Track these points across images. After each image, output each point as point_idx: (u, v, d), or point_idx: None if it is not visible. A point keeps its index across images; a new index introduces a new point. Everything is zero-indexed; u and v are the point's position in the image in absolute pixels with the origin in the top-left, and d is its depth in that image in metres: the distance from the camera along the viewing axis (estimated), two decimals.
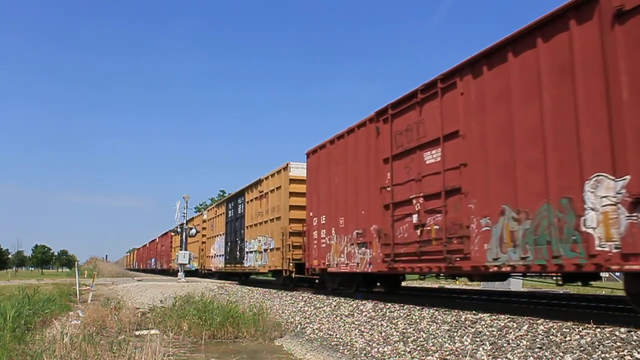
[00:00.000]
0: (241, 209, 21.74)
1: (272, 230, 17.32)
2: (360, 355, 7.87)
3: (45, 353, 6.57)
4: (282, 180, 16.89)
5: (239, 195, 22.47)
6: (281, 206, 16.74)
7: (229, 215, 23.97)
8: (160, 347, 7.02)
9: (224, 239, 24.30)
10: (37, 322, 10.94)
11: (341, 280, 13.09)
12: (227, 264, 23.54)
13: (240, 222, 21.64)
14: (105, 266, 58.80)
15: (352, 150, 11.93)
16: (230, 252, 23.14)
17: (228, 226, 23.88)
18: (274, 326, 10.65)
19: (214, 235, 27.01)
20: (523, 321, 6.64)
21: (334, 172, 12.73)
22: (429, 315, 8.23)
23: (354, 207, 11.62)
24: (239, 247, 21.45)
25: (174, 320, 10.95)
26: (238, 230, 21.94)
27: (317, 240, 13.44)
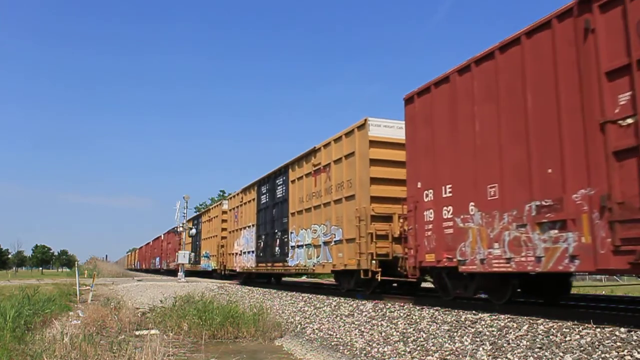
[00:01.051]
0: (282, 192, 16.79)
1: (338, 215, 12.63)
2: (360, 355, 7.87)
3: (45, 353, 6.57)
4: (356, 143, 12.00)
5: (278, 174, 17.33)
6: (355, 180, 11.87)
7: (261, 202, 18.91)
8: (160, 347, 7.02)
9: (255, 232, 19.38)
10: (37, 322, 10.95)
11: (482, 285, 8.75)
12: (261, 263, 18.65)
13: (281, 208, 16.77)
14: (105, 266, 58.94)
15: (514, 77, 7.58)
16: (264, 247, 18.20)
17: (261, 215, 18.92)
18: (274, 326, 10.66)
19: (239, 227, 21.87)
20: (523, 321, 6.64)
21: (467, 117, 8.39)
22: (429, 315, 8.23)
23: (523, 166, 7.27)
24: (280, 241, 16.71)
25: (174, 320, 10.96)
26: (277, 219, 17.10)
27: (433, 223, 9.05)
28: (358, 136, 12.00)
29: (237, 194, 22.73)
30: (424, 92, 9.60)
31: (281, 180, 16.98)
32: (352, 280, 12.47)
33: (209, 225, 29.06)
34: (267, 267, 18.05)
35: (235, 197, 23.05)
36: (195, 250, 32.76)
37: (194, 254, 32.62)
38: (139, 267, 71.91)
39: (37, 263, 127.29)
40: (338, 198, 12.71)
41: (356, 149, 11.97)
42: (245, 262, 20.70)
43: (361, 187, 11.67)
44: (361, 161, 11.77)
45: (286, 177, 16.46)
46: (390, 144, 11.56)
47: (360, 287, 12.28)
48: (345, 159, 12.49)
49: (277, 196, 17.20)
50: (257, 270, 19.40)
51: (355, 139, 12.08)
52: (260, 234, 18.86)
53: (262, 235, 18.61)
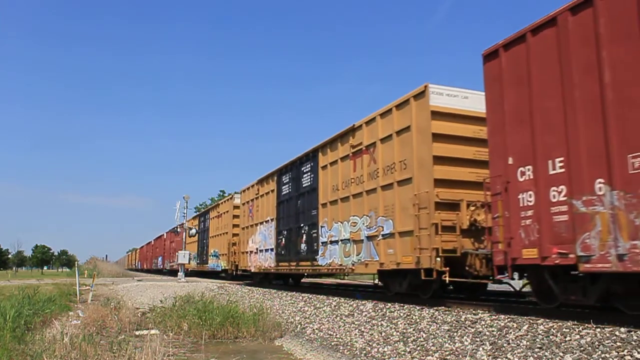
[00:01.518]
0: (310, 180, 14.70)
1: (387, 204, 10.59)
2: (360, 355, 7.87)
3: (45, 353, 6.57)
4: (412, 116, 9.93)
5: (305, 160, 15.17)
6: (412, 160, 9.85)
7: (282, 193, 16.75)
8: (160, 347, 7.02)
9: (274, 227, 17.25)
10: (37, 322, 10.95)
11: (613, 290, 6.69)
12: (282, 262, 16.48)
13: (309, 199, 14.67)
14: (105, 266, 58.91)
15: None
16: (287, 244, 16.10)
17: (282, 208, 16.77)
18: (274, 326, 10.65)
19: (254, 223, 19.65)
20: (523, 321, 6.64)
21: (588, 67, 6.50)
22: (429, 315, 8.23)
23: None
24: (307, 237, 14.63)
25: (174, 320, 10.96)
26: (303, 212, 15.00)
27: (534, 208, 7.08)
28: (415, 107, 9.91)
29: (251, 185, 20.28)
30: (515, 42, 7.63)
31: (308, 167, 14.76)
32: (404, 282, 10.50)
33: (218, 222, 26.78)
34: (290, 266, 15.79)
35: (250, 189, 20.51)
36: (202, 249, 30.64)
37: (201, 253, 30.73)
38: (139, 267, 69.94)
39: (37, 263, 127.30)
40: (387, 183, 10.58)
41: (412, 122, 9.90)
42: (262, 262, 18.36)
43: (421, 168, 9.61)
44: (420, 137, 9.72)
45: (315, 163, 14.29)
46: (455, 116, 9.64)
47: (415, 290, 10.40)
48: (397, 135, 10.39)
49: (303, 185, 15.02)
50: (277, 271, 17.14)
51: (410, 111, 10.00)
52: (281, 230, 16.61)
53: (283, 231, 16.37)
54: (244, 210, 21.34)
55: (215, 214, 27.82)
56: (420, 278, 9.30)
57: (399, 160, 10.33)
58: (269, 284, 19.77)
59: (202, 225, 30.91)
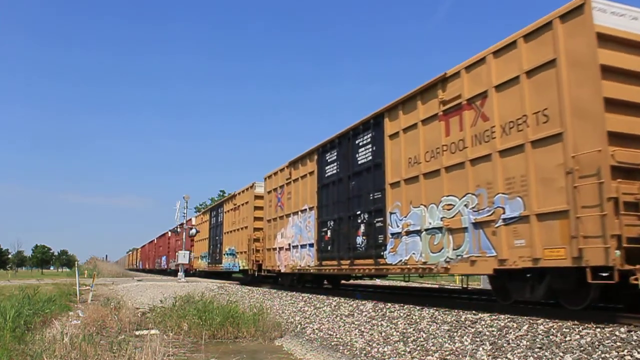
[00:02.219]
0: (369, 155, 11.59)
1: (511, 176, 7.72)
2: (360, 355, 7.87)
3: (45, 353, 6.57)
4: (560, 44, 7.05)
5: (361, 130, 12.00)
6: (563, 108, 6.94)
7: (325, 175, 13.58)
8: (160, 347, 7.02)
9: (314, 217, 14.07)
10: (37, 322, 10.94)
11: None
12: (327, 260, 13.25)
13: (369, 179, 11.48)
14: (105, 266, 58.87)
15: None
16: (334, 238, 12.95)
17: (325, 194, 13.65)
18: (274, 326, 10.65)
19: (284, 214, 16.34)
20: (523, 321, 6.64)
21: None
22: (429, 315, 8.23)
23: None
24: (367, 228, 11.42)
25: (174, 320, 10.96)
26: (359, 195, 11.82)
27: None
28: (564, 31, 6.99)
29: (280, 170, 16.98)
30: None
31: (366, 139, 11.66)
32: (539, 287, 7.42)
33: (235, 215, 23.17)
34: (340, 266, 12.50)
35: (278, 174, 17.22)
36: (214, 247, 27.00)
37: (213, 251, 27.21)
38: (141, 267, 66.89)
39: (37, 263, 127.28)
40: (512, 146, 7.65)
41: (560, 52, 6.95)
42: (297, 260, 15.10)
43: (580, 119, 6.67)
44: (576, 72, 6.76)
45: (378, 131, 11.20)
46: (630, 44, 6.79)
47: (556, 298, 7.45)
48: (528, 77, 7.46)
49: (359, 162, 11.92)
50: (319, 271, 13.84)
51: (556, 38, 7.07)
52: (324, 220, 13.49)
53: (328, 222, 13.32)
54: (270, 200, 17.88)
55: (230, 206, 24.08)
56: (569, 280, 6.85)
57: (532, 112, 7.37)
58: (302, 287, 16.25)
59: (214, 221, 27.34)
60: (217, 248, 26.15)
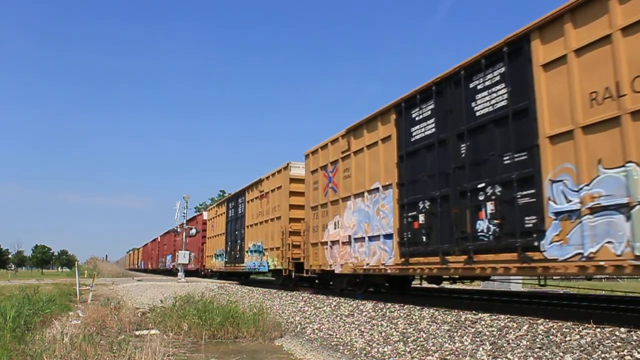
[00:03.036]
0: (507, 95, 7.69)
1: None
2: (360, 355, 7.87)
3: (45, 353, 6.57)
4: None
5: (486, 65, 8.12)
6: None
7: (411, 138, 9.96)
8: (160, 347, 7.02)
9: (393, 198, 10.35)
10: (37, 322, 10.94)
11: None
12: (418, 256, 9.48)
13: (508, 134, 7.59)
14: (105, 266, 58.87)
15: None
16: (429, 224, 9.27)
17: (410, 165, 9.96)
18: (274, 326, 10.65)
19: (339, 197, 12.56)
20: (523, 321, 6.64)
21: None
22: (429, 315, 8.23)
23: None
24: (502, 206, 7.67)
25: (174, 320, 10.96)
26: (483, 161, 8.11)
27: None
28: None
29: (331, 141, 13.13)
30: None
31: (494, 76, 7.95)
32: None
33: (262, 204, 19.03)
34: (445, 263, 8.64)
35: (328, 147, 13.30)
36: (233, 244, 22.89)
37: (232, 248, 22.91)
38: (143, 267, 63.37)
39: (37, 263, 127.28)
40: None
41: None
42: (363, 257, 11.25)
43: None
44: None
45: (519, 62, 7.50)
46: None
47: None
48: None
49: (478, 114, 8.21)
50: (402, 272, 10.03)
51: None
52: (411, 201, 9.75)
53: (418, 203, 9.56)
54: (316, 181, 14.00)
55: (255, 194, 19.99)
56: None
57: None
58: (364, 291, 12.43)
59: (233, 213, 23.36)
60: (237, 244, 22.19)
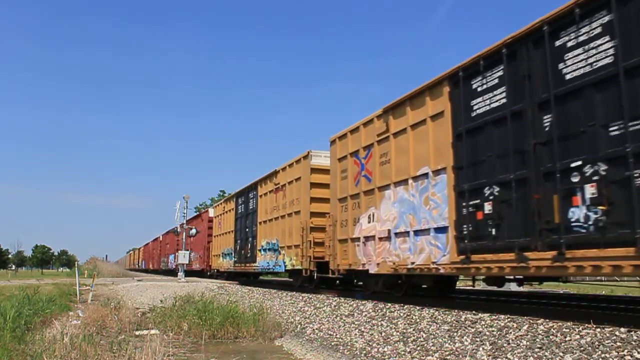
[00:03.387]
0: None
1: None
2: (360, 355, 7.87)
3: (45, 353, 6.57)
4: None
5: None
6: None
7: (472, 112, 8.36)
8: (160, 347, 7.02)
9: (447, 185, 8.84)
10: (37, 322, 10.94)
11: None
12: (495, 251, 7.61)
13: None
14: (105, 266, 58.86)
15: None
16: (507, 214, 7.47)
17: (472, 143, 8.36)
18: (274, 326, 10.65)
19: (375, 187, 11.09)
20: (523, 321, 6.64)
21: None
22: (429, 315, 8.23)
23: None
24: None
25: (174, 320, 10.95)
26: (604, 132, 6.19)
27: None
28: None
29: (364, 123, 11.56)
30: None
31: (593, 29, 6.48)
32: None
33: (278, 198, 17.40)
34: (522, 260, 7.09)
35: (360, 130, 11.72)
36: (243, 242, 21.27)
37: (243, 247, 21.30)
38: (144, 267, 61.34)
39: (37, 263, 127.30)
40: None
41: None
42: (407, 254, 9.72)
43: None
44: None
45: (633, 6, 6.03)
46: None
47: None
48: None
49: (569, 77, 6.73)
50: (459, 271, 8.69)
51: None
52: (474, 187, 8.13)
53: (483, 189, 7.94)
54: (344, 170, 12.37)
55: (269, 187, 18.34)
56: None
57: None
58: (405, 294, 11.00)
59: (243, 209, 21.76)
60: (248, 243, 20.58)
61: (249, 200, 20.95)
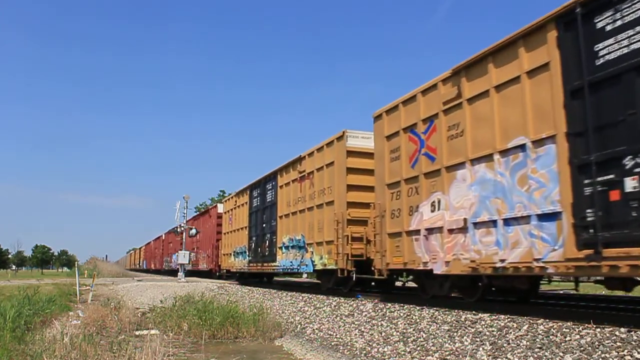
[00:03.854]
0: None
1: None
2: (360, 355, 7.87)
3: (45, 353, 6.57)
4: None
5: None
6: None
7: None
8: (160, 347, 7.01)
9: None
10: (37, 322, 10.94)
11: None
12: None
13: None
14: (105, 266, 58.86)
15: None
16: None
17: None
18: (274, 326, 10.65)
19: (445, 166, 8.94)
20: (523, 321, 6.64)
21: None
22: (429, 315, 8.23)
23: None
24: None
25: (174, 320, 10.95)
26: None
27: None
28: None
29: (423, 91, 9.64)
30: None
31: None
32: None
33: (303, 188, 15.17)
34: None
35: (418, 99, 9.77)
36: (259, 238, 19.09)
37: (259, 244, 19.05)
38: (145, 267, 59.87)
39: (37, 263, 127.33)
40: None
41: None
42: (490, 249, 7.81)
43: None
44: None
45: None
46: None
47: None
48: None
49: None
50: (589, 272, 6.69)
51: None
52: (603, 157, 6.13)
53: (622, 160, 5.92)
54: (395, 149, 10.45)
55: (292, 176, 16.10)
56: None
57: None
58: (479, 300, 9.00)
59: (259, 202, 19.42)
60: (266, 239, 18.37)
61: (267, 192, 18.58)
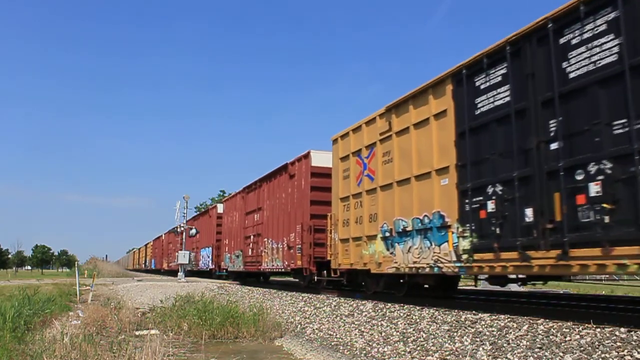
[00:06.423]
0: None
1: None
2: (360, 355, 7.87)
3: (45, 353, 6.57)
4: None
5: None
6: None
7: None
8: (160, 347, 7.01)
9: None
10: (37, 322, 10.94)
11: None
12: None
13: None
14: (105, 266, 58.80)
15: None
16: None
17: None
18: (274, 326, 10.64)
19: None
20: (523, 321, 6.64)
21: None
22: (429, 315, 8.23)
23: None
24: None
25: (174, 320, 10.95)
26: None
27: None
28: None
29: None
30: None
31: None
32: None
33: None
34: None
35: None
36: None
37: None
38: (154, 266, 53.15)
39: (37, 263, 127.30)
40: None
41: None
42: None
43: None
44: None
45: None
46: None
47: None
48: None
49: None
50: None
51: None
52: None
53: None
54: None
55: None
56: None
57: None
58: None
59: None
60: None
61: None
